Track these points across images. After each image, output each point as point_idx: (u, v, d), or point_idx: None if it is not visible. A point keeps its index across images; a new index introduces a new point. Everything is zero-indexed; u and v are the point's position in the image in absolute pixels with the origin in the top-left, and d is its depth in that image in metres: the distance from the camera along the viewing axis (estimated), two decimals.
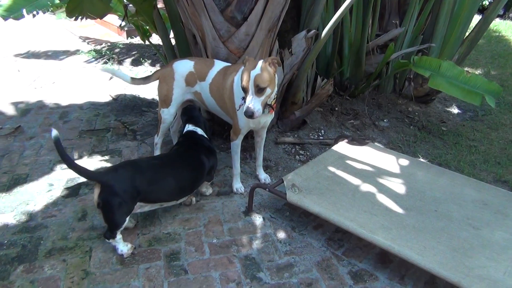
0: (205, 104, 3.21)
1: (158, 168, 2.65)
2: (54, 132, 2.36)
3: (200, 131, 2.99)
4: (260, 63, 2.59)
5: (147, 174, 2.55)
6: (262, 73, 2.56)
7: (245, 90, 2.58)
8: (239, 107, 2.84)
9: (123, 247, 2.52)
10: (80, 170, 2.36)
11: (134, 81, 3.29)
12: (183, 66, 3.17)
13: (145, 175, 2.53)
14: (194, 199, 3.08)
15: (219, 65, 3.10)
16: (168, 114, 3.23)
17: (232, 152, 3.12)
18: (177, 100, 3.21)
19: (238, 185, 3.23)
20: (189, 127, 3.01)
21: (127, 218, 2.47)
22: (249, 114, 2.55)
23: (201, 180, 2.93)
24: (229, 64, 3.12)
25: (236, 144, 3.07)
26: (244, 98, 2.76)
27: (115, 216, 2.41)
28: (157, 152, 3.41)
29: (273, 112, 2.97)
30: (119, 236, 2.49)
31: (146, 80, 3.31)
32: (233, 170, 3.20)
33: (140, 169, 2.55)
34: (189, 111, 3.15)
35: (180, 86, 3.17)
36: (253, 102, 2.56)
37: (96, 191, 2.38)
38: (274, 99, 2.81)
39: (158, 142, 3.42)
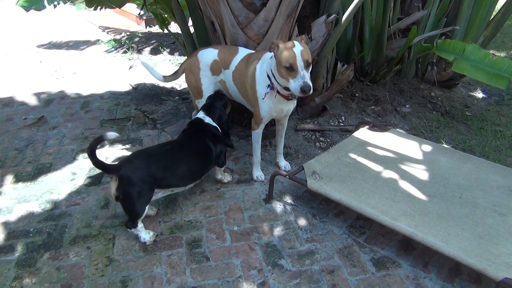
0: (229, 93, 3.19)
1: (170, 154, 2.68)
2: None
3: (208, 119, 2.95)
4: (297, 42, 2.54)
5: (161, 160, 2.59)
6: (306, 49, 2.53)
7: (292, 67, 2.47)
8: (265, 95, 2.79)
9: (145, 235, 2.55)
10: (101, 164, 2.39)
11: (166, 78, 3.34)
12: (208, 55, 3.15)
13: (159, 162, 2.57)
14: (227, 175, 3.17)
15: (243, 52, 3.06)
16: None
17: (253, 141, 3.10)
18: (208, 90, 3.19)
19: (258, 173, 3.22)
20: (200, 114, 2.99)
21: (147, 207, 2.50)
22: (307, 89, 2.45)
23: (209, 165, 2.94)
24: (253, 51, 3.09)
25: (258, 133, 3.05)
26: (269, 86, 2.75)
27: (136, 207, 2.44)
28: None
29: (295, 100, 2.94)
30: (140, 224, 2.52)
31: (175, 75, 3.34)
32: (253, 158, 3.19)
33: (154, 157, 2.60)
34: (211, 98, 3.13)
35: (207, 75, 3.17)
36: (307, 77, 2.47)
37: (113, 184, 2.41)
38: None
39: None
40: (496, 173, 2.97)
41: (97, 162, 2.36)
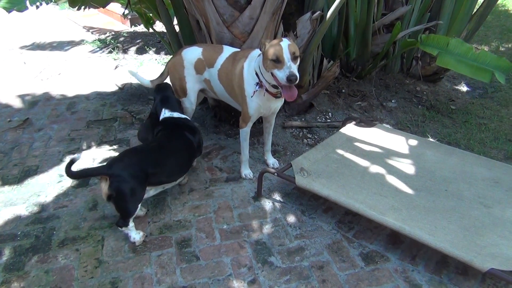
0: (214, 91, 3.18)
1: (158, 150, 2.70)
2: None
3: (176, 114, 2.98)
4: (284, 38, 2.59)
5: (151, 157, 2.61)
6: (293, 43, 2.58)
7: (279, 59, 2.51)
8: (253, 93, 2.81)
9: (135, 235, 2.54)
10: (86, 173, 2.46)
11: (153, 82, 3.35)
12: (192, 53, 3.15)
13: (149, 158, 2.59)
14: (187, 178, 3.17)
15: (228, 51, 3.06)
16: (188, 103, 3.23)
17: (241, 139, 3.10)
18: (193, 88, 3.20)
19: (246, 171, 3.23)
20: (166, 113, 2.98)
21: (139, 205, 2.50)
22: (293, 78, 2.48)
23: (193, 157, 3.00)
24: (238, 49, 3.09)
25: (246, 132, 3.05)
26: (258, 84, 2.76)
27: (129, 204, 2.45)
28: None
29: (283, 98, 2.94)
30: (131, 224, 2.51)
31: (162, 76, 3.36)
32: (241, 156, 3.19)
33: (143, 153, 2.62)
34: (162, 90, 3.13)
35: (191, 74, 3.16)
36: (293, 67, 2.51)
37: (104, 184, 2.40)
38: None
39: None
40: (481, 166, 3.01)
41: (80, 175, 2.42)
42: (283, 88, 2.61)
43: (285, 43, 2.53)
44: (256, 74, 2.77)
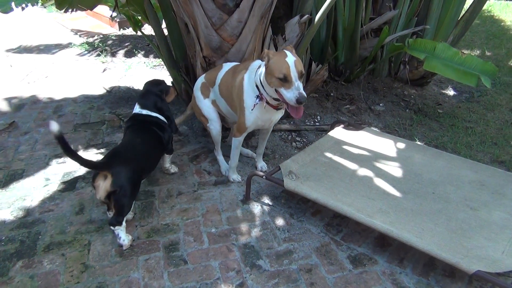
0: (221, 110, 3.16)
1: (141, 145, 2.74)
2: (54, 126, 2.17)
3: (145, 112, 2.95)
4: (288, 52, 2.49)
5: (140, 151, 2.67)
6: (298, 59, 2.48)
7: (286, 78, 2.41)
8: (254, 106, 2.74)
9: (125, 236, 2.52)
10: (86, 162, 2.39)
11: (179, 119, 3.49)
12: (198, 82, 3.25)
13: (139, 153, 2.66)
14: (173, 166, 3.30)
15: (227, 66, 3.07)
16: (212, 126, 3.20)
17: (233, 147, 3.05)
18: (209, 112, 3.17)
19: (234, 176, 3.22)
20: (136, 109, 2.99)
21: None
22: (303, 100, 2.41)
23: (163, 150, 3.03)
24: (238, 63, 3.09)
25: (239, 141, 3.00)
26: (258, 97, 2.69)
27: (129, 200, 2.49)
28: (223, 166, 3.35)
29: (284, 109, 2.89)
30: (124, 223, 2.51)
31: (185, 114, 3.52)
32: (230, 162, 3.17)
33: (133, 149, 2.67)
34: (148, 84, 3.15)
35: (201, 100, 3.19)
36: (301, 88, 2.43)
37: (103, 182, 2.40)
38: None
39: (218, 154, 3.38)
40: (467, 169, 3.04)
41: (78, 157, 2.33)
42: (290, 108, 2.52)
43: (291, 59, 2.43)
44: (257, 86, 2.69)
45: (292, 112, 2.53)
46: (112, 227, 2.50)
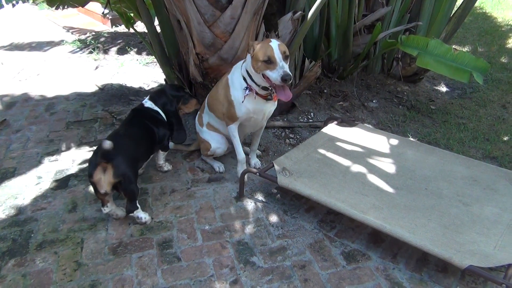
0: (218, 128, 3.19)
1: (132, 135, 2.78)
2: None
3: (149, 103, 3.02)
4: (272, 39, 2.62)
5: (132, 140, 2.72)
6: (282, 43, 2.60)
7: (271, 60, 2.53)
8: (244, 98, 2.80)
9: (145, 215, 2.69)
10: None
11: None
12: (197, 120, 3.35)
13: (132, 141, 2.71)
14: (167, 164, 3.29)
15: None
16: (215, 146, 3.21)
17: (231, 136, 3.06)
18: (212, 135, 3.20)
19: (241, 169, 3.14)
20: (143, 101, 3.07)
21: None
22: (288, 78, 2.50)
23: (154, 144, 3.00)
24: None
25: (233, 128, 3.01)
26: (247, 88, 2.77)
27: (135, 184, 2.58)
28: (215, 164, 3.35)
29: (277, 101, 2.97)
30: (138, 205, 2.63)
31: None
32: (237, 156, 3.13)
33: (127, 137, 2.73)
34: (165, 86, 3.28)
35: (201, 130, 3.26)
36: (286, 67, 2.53)
37: (104, 175, 2.45)
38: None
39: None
40: (460, 164, 3.06)
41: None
42: (277, 89, 2.63)
43: (274, 43, 2.56)
44: (244, 79, 2.78)
45: (280, 94, 2.64)
46: (131, 214, 2.62)
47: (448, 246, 2.26)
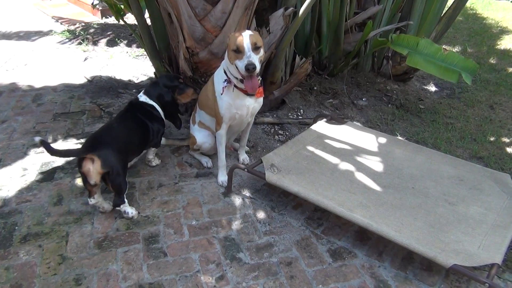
0: (208, 126, 3.16)
1: (124, 129, 2.78)
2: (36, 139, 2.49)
3: (143, 98, 3.01)
4: (248, 30, 2.61)
5: (123, 133, 2.72)
6: (255, 34, 2.58)
7: (239, 49, 2.51)
8: (223, 90, 2.77)
9: (131, 210, 2.67)
10: (68, 153, 2.63)
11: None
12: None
13: (123, 134, 2.71)
14: (156, 159, 3.27)
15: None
16: (202, 140, 3.22)
17: (217, 143, 3.03)
18: (201, 132, 3.19)
19: (223, 178, 3.08)
20: (138, 95, 3.05)
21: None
22: (251, 67, 2.47)
23: (147, 140, 2.97)
24: None
25: (220, 134, 2.97)
26: (226, 80, 2.75)
27: (123, 178, 2.56)
28: (202, 159, 3.35)
29: (262, 98, 2.94)
30: (125, 199, 2.61)
31: None
32: (218, 162, 3.11)
33: (119, 130, 2.73)
34: (160, 77, 3.22)
35: (192, 128, 3.27)
36: (252, 57, 2.50)
37: (92, 166, 2.43)
38: (259, 80, 2.76)
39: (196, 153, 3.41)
40: (446, 164, 3.08)
41: (62, 153, 2.56)
42: (245, 80, 2.61)
43: (246, 33, 2.54)
44: (225, 72, 2.77)
45: (247, 85, 2.62)
46: (117, 208, 2.61)
47: (433, 245, 2.28)
